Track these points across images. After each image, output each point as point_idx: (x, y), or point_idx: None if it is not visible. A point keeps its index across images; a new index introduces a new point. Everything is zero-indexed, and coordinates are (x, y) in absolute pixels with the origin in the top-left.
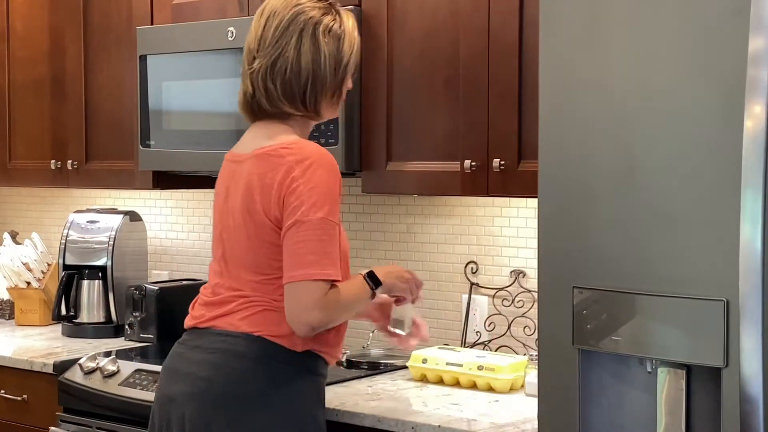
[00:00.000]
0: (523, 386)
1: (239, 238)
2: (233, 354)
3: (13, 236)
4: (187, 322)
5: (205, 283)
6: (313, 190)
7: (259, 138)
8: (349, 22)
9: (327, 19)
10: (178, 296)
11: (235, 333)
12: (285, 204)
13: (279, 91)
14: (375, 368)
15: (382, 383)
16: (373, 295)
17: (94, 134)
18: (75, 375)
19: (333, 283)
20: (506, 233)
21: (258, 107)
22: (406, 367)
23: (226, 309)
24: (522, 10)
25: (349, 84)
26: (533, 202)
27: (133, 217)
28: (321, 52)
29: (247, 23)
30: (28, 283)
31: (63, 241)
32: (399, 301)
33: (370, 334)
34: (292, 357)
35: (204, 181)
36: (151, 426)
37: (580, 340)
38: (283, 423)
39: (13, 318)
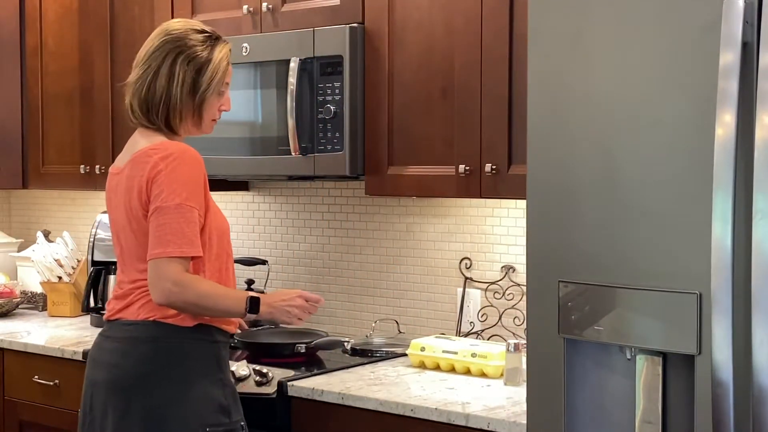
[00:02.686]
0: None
1: (128, 235)
2: (136, 340)
3: (46, 235)
4: (105, 316)
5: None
6: (174, 180)
7: (133, 149)
8: (220, 53)
9: (194, 50)
10: None
11: (135, 321)
12: (150, 194)
13: (136, 106)
14: (377, 356)
15: (383, 369)
16: (245, 316)
17: (120, 141)
18: None
19: (196, 267)
20: (497, 232)
21: (131, 116)
22: (405, 355)
23: (127, 301)
24: (512, 27)
25: (214, 105)
26: (522, 203)
27: None
28: (175, 77)
29: (260, 40)
30: (60, 278)
31: (91, 239)
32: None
33: (373, 324)
34: (185, 332)
35: (220, 184)
36: (81, 406)
37: (565, 329)
38: (187, 389)
39: (46, 310)
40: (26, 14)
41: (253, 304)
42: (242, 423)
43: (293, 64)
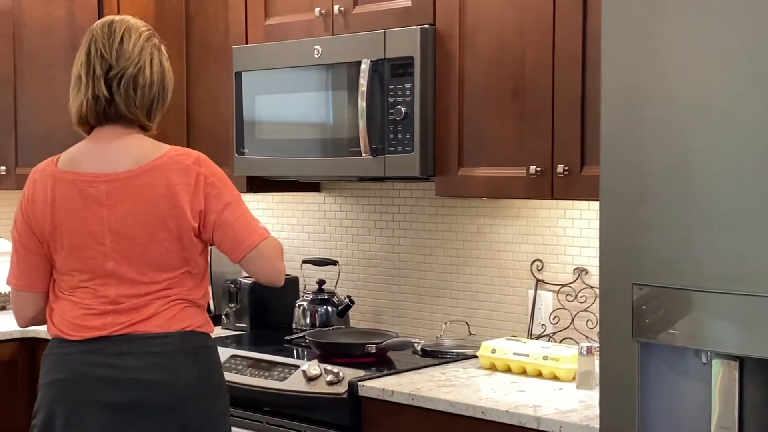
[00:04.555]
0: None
1: (148, 244)
2: (176, 352)
3: None
4: (86, 333)
5: (291, 277)
6: (222, 179)
7: (129, 153)
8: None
9: (163, 47)
10: (269, 290)
11: (168, 333)
12: (206, 197)
13: (137, 99)
14: (447, 357)
15: (454, 371)
16: None
17: (195, 143)
18: None
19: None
20: (569, 233)
21: (114, 112)
22: (476, 357)
23: (146, 313)
24: (585, 26)
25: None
26: (595, 204)
27: None
28: (166, 72)
29: (332, 42)
30: None
31: None
32: None
33: (443, 326)
34: (211, 339)
35: (293, 185)
36: None
37: (639, 333)
38: (223, 392)
39: None
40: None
41: None
42: None
43: (364, 66)
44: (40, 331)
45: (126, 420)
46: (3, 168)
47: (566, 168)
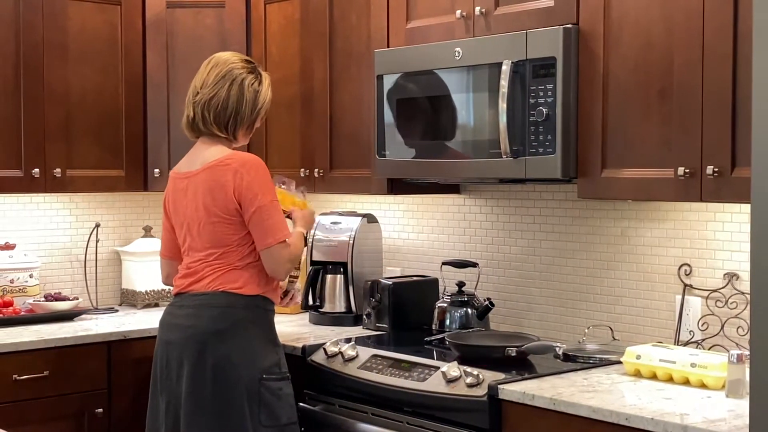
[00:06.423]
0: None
1: (204, 225)
2: (207, 305)
3: None
4: (174, 291)
5: (431, 278)
6: (261, 183)
7: (203, 157)
8: (265, 82)
9: (251, 77)
10: (409, 290)
11: (206, 292)
12: (243, 196)
13: (211, 118)
14: (590, 362)
15: (597, 376)
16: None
17: (337, 146)
18: (320, 358)
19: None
20: (720, 237)
21: (197, 128)
22: (620, 362)
23: (197, 277)
24: (736, 23)
25: (258, 124)
26: (747, 208)
27: (370, 219)
28: (244, 96)
29: (473, 44)
30: None
31: (310, 240)
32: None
33: (586, 330)
34: (246, 300)
35: (432, 187)
36: (153, 365)
37: None
38: (250, 344)
39: None
40: (252, 26)
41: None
42: (288, 375)
43: (505, 67)
44: None
45: (167, 351)
46: (157, 171)
47: (716, 169)
